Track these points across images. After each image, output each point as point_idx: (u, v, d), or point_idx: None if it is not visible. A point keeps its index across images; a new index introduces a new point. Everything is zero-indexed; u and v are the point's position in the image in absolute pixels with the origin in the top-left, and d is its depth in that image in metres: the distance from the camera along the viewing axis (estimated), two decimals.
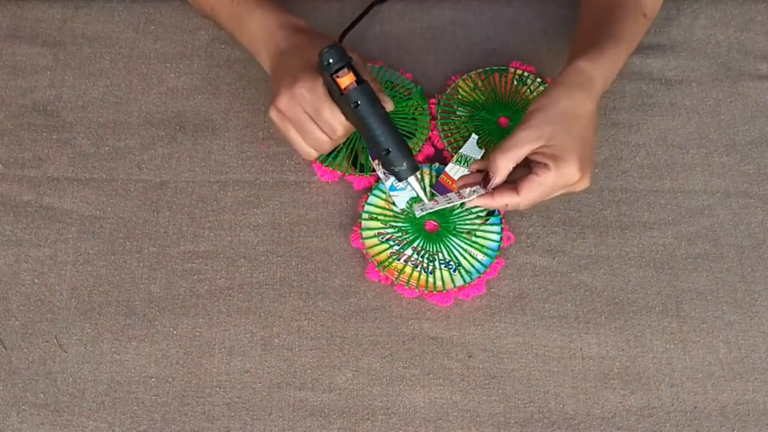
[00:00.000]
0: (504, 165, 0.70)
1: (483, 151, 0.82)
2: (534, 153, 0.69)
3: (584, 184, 0.71)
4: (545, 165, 0.69)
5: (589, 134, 0.71)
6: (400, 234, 0.78)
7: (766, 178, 0.83)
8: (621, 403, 0.73)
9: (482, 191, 0.72)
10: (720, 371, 0.75)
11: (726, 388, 0.74)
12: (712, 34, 0.91)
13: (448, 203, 0.74)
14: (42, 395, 0.72)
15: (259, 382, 0.73)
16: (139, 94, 0.86)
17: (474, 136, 0.83)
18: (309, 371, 0.74)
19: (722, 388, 0.74)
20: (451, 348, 0.75)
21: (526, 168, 0.71)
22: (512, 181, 0.71)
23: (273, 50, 0.77)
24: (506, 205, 0.71)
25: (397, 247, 0.77)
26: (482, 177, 0.72)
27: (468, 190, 0.73)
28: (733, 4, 0.92)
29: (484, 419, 0.72)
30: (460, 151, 0.82)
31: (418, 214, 0.76)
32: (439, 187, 0.79)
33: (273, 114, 0.74)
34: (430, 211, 0.76)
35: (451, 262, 0.77)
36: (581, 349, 0.75)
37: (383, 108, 0.71)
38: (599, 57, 0.73)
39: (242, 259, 0.78)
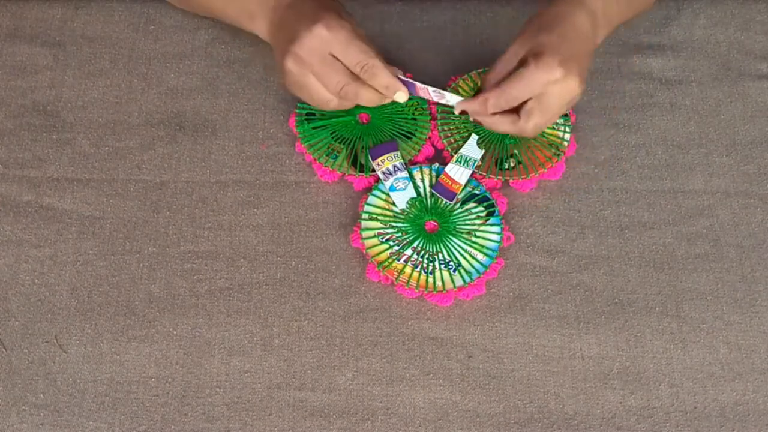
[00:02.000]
0: (495, 76, 0.73)
1: (483, 151, 0.82)
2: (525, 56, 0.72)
3: (572, 85, 0.71)
4: (527, 63, 0.70)
5: (577, 36, 0.72)
6: (400, 234, 0.78)
7: (766, 178, 0.83)
8: (621, 403, 0.73)
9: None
10: (720, 371, 0.75)
11: (726, 388, 0.74)
12: (712, 34, 0.91)
13: (443, 101, 0.76)
14: (42, 395, 0.72)
15: (259, 383, 0.73)
16: (139, 94, 0.86)
17: (474, 136, 0.83)
18: (309, 371, 0.74)
19: (722, 388, 0.74)
20: (451, 348, 0.75)
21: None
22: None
23: (275, 6, 0.76)
24: (507, 128, 0.74)
25: (397, 248, 0.77)
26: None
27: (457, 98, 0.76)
28: (733, 4, 0.93)
29: (484, 419, 0.72)
30: (460, 151, 0.81)
31: (454, 101, 0.76)
32: (439, 188, 0.79)
33: (290, 61, 0.72)
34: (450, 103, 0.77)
35: (451, 263, 0.77)
36: (581, 349, 0.75)
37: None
38: None
39: (242, 259, 0.78)
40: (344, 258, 0.78)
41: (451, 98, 0.75)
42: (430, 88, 0.76)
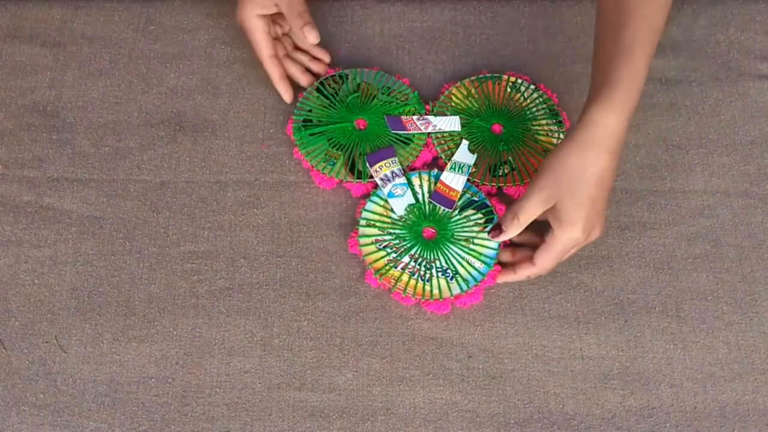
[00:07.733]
0: (514, 230, 0.73)
1: (476, 155, 0.81)
2: (546, 212, 0.71)
3: (594, 236, 0.72)
4: (552, 230, 0.71)
5: (599, 193, 0.69)
6: (397, 241, 0.78)
7: (766, 178, 0.83)
8: (621, 403, 0.73)
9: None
10: (720, 371, 0.75)
11: (726, 388, 0.74)
12: (712, 34, 0.91)
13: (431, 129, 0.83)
14: (42, 396, 0.72)
15: (259, 383, 0.73)
16: (139, 94, 0.86)
17: (464, 142, 0.82)
18: (309, 372, 0.74)
19: (722, 388, 0.74)
20: (450, 348, 0.75)
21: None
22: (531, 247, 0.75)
23: None
24: (528, 276, 0.75)
25: (394, 255, 0.77)
26: (495, 227, 0.75)
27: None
28: (733, 4, 0.92)
29: (484, 420, 0.72)
30: (453, 158, 0.81)
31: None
32: (437, 197, 0.79)
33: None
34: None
35: (449, 270, 0.76)
36: (581, 349, 0.75)
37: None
38: (614, 97, 0.68)
39: (242, 260, 0.78)
40: (344, 258, 0.78)
41: (439, 122, 0.77)
42: (414, 117, 0.82)
